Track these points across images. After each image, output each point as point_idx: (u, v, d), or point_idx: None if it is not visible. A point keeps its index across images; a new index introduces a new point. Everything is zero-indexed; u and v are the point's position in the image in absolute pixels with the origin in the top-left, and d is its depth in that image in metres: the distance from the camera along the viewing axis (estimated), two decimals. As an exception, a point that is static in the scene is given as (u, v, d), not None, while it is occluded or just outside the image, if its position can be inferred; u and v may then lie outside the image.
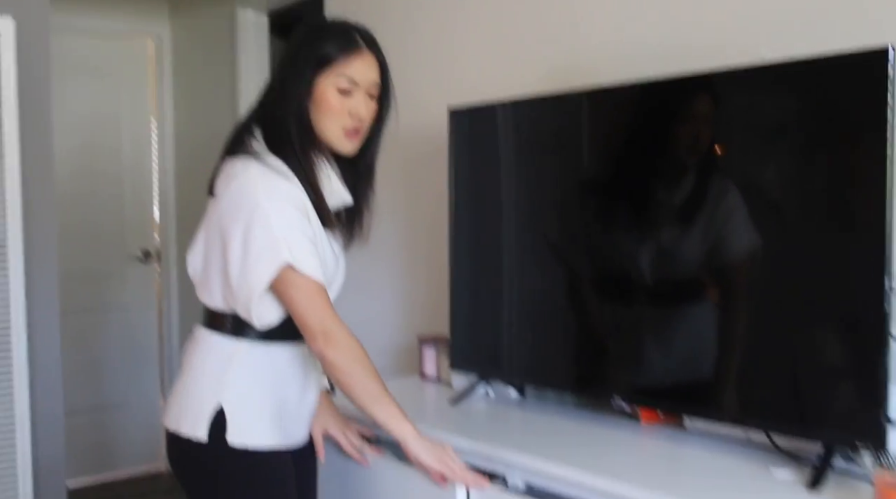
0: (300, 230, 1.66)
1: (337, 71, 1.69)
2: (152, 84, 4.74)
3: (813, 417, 1.65)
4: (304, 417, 1.83)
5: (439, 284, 2.60)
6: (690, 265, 1.83)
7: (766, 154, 1.73)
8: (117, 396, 4.64)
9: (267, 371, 1.74)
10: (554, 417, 2.09)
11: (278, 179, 1.67)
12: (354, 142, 1.75)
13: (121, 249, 4.66)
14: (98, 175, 4.55)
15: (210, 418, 1.69)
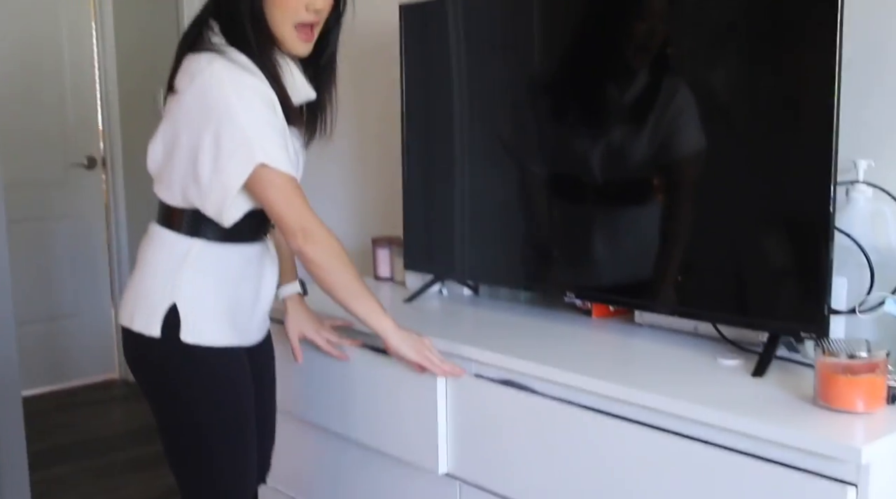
0: (271, 126, 1.64)
1: None
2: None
3: (759, 308, 1.69)
4: (258, 316, 1.84)
5: (392, 184, 2.59)
6: (640, 163, 1.84)
7: (715, 52, 1.72)
8: (68, 305, 4.60)
9: (222, 270, 1.74)
10: (507, 313, 2.12)
11: (244, 74, 1.63)
12: (308, 42, 1.72)
13: (65, 155, 4.55)
14: (39, 79, 4.40)
15: (163, 316, 1.69)
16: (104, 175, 4.68)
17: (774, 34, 1.62)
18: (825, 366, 1.42)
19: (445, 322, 2.09)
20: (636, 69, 1.84)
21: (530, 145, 2.06)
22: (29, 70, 4.35)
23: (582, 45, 1.95)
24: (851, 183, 1.69)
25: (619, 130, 1.87)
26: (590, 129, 1.93)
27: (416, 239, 2.32)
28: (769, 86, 1.64)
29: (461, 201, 2.24)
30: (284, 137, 1.68)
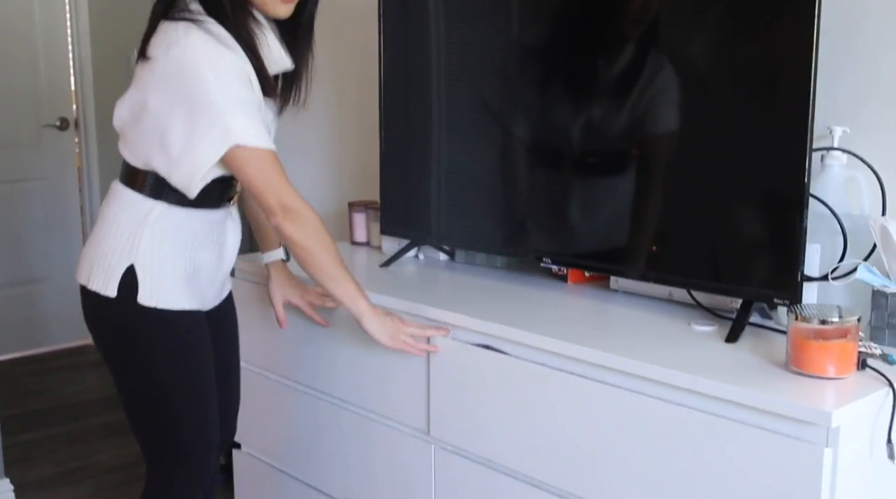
0: (247, 103, 1.62)
1: None
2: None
3: (733, 275, 1.70)
4: (219, 280, 1.84)
5: (369, 149, 2.57)
6: (618, 133, 1.83)
7: (692, 21, 1.72)
8: (40, 269, 4.54)
9: (183, 234, 1.72)
10: (483, 278, 2.12)
11: (221, 48, 1.60)
12: (289, 5, 1.68)
13: (37, 117, 4.47)
14: (9, 40, 4.31)
15: (121, 277, 1.68)
16: (77, 137, 4.61)
17: (752, 4, 1.62)
18: (797, 331, 1.43)
19: (421, 287, 2.09)
20: (616, 38, 1.83)
21: (509, 111, 2.05)
22: (1, 36, 4.26)
23: (563, 12, 1.94)
24: (826, 150, 1.70)
25: (599, 101, 1.86)
26: (570, 97, 1.92)
27: (392, 204, 2.31)
28: (746, 54, 1.64)
29: (438, 166, 2.23)
30: (260, 110, 1.66)
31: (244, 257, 2.29)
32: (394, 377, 1.93)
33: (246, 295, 2.22)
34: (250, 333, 2.21)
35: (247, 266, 2.25)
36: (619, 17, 1.82)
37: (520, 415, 1.69)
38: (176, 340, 1.74)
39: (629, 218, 1.84)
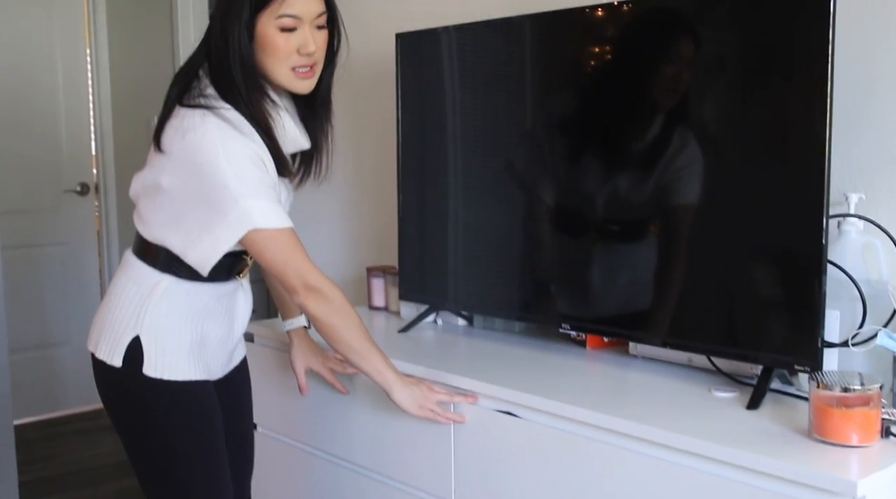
0: (262, 185, 1.62)
1: (276, 11, 1.61)
2: (86, 11, 4.58)
3: (753, 341, 1.70)
4: (227, 351, 1.84)
5: (387, 214, 2.60)
6: (637, 196, 1.85)
7: (707, 84, 1.75)
8: (58, 333, 4.56)
9: (190, 307, 1.72)
10: (501, 344, 2.13)
11: (235, 134, 1.61)
12: (309, 80, 1.69)
13: (58, 182, 4.54)
14: (32, 105, 4.40)
15: (126, 347, 1.69)
16: (97, 202, 4.68)
17: (766, 69, 1.65)
18: (819, 399, 1.43)
19: (440, 353, 2.09)
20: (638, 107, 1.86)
21: (527, 177, 2.08)
22: (23, 98, 4.35)
23: (576, 80, 1.98)
24: (843, 216, 1.71)
25: (620, 168, 1.89)
26: (589, 164, 1.94)
27: (410, 269, 2.33)
28: (762, 120, 1.67)
29: (455, 231, 2.25)
30: (275, 189, 1.66)
31: (262, 323, 2.31)
32: (416, 444, 1.92)
33: (263, 360, 2.23)
34: (267, 398, 2.21)
35: (264, 331, 2.27)
36: (640, 88, 1.85)
37: (543, 481, 1.68)
38: (183, 410, 1.73)
39: (648, 284, 1.85)
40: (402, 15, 2.68)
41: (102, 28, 4.59)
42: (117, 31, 4.57)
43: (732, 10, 1.71)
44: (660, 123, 1.82)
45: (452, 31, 2.20)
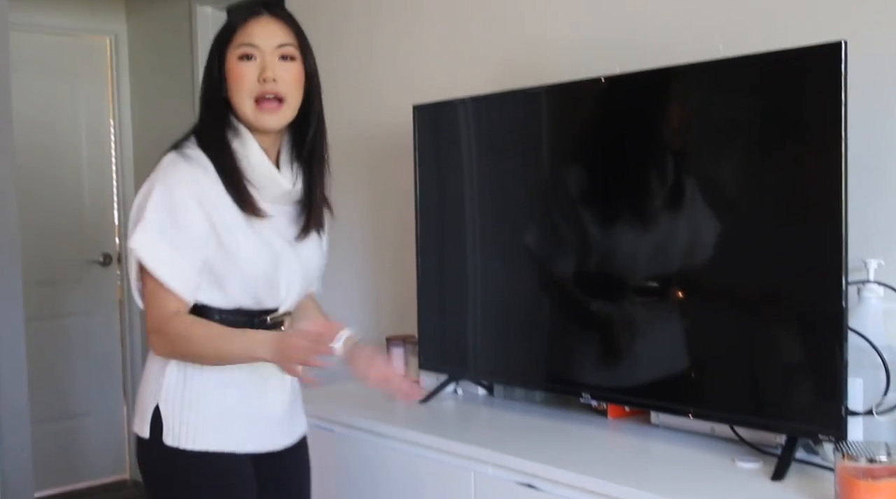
0: (165, 223, 1.61)
1: (237, 41, 1.64)
2: (110, 84, 4.69)
3: (776, 410, 1.68)
4: (262, 422, 1.74)
5: (406, 283, 2.61)
6: (655, 263, 1.86)
7: (723, 150, 1.76)
8: (80, 404, 4.56)
9: (209, 371, 1.67)
10: (522, 414, 2.11)
11: (182, 170, 1.63)
12: (274, 115, 1.65)
13: (81, 252, 4.59)
14: (56, 176, 4.47)
15: (150, 417, 1.67)
16: (119, 271, 4.72)
17: (781, 134, 1.66)
18: (845, 470, 1.40)
19: (460, 423, 2.08)
20: (652, 174, 1.87)
21: (544, 246, 2.09)
22: (48, 171, 4.42)
23: (592, 148, 1.99)
24: (863, 283, 1.70)
25: (637, 235, 1.89)
26: (607, 232, 1.95)
27: (430, 338, 2.33)
28: (779, 186, 1.68)
29: (474, 301, 2.25)
30: (190, 244, 1.61)
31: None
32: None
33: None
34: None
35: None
36: (656, 154, 1.86)
37: (564, 558, 1.66)
38: (204, 482, 1.68)
39: (669, 352, 1.84)
40: (418, 86, 2.72)
41: (126, 99, 4.68)
42: (140, 103, 4.66)
43: (747, 77, 1.73)
44: (677, 190, 1.83)
45: (469, 102, 2.23)
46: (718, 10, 1.99)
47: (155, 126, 4.56)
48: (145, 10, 4.55)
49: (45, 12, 4.38)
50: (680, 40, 2.04)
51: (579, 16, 2.28)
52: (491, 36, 2.53)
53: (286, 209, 1.74)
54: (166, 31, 4.39)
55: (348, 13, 2.99)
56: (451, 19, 2.65)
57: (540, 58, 2.37)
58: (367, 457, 2.05)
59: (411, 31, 2.79)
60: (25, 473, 2.84)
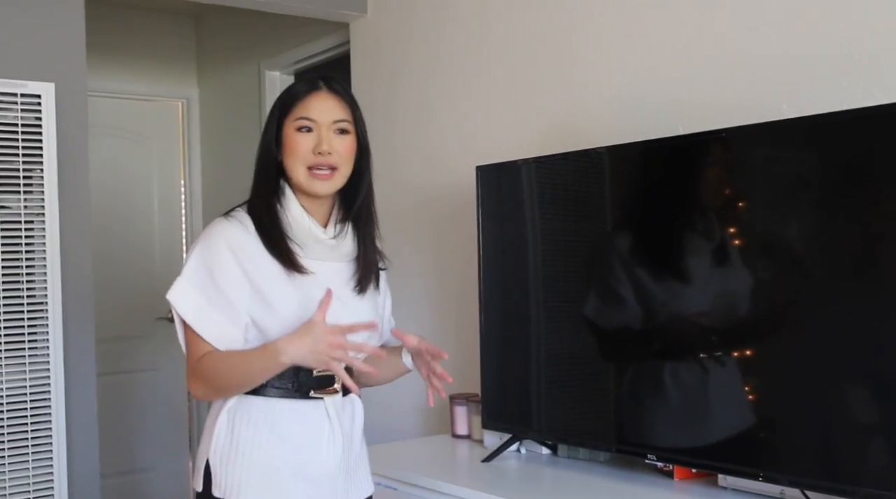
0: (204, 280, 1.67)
1: (296, 113, 1.72)
2: (182, 146, 4.83)
3: (849, 474, 1.64)
4: (315, 480, 1.72)
5: (470, 341, 2.62)
6: (721, 322, 1.84)
7: (793, 211, 1.75)
8: (146, 459, 4.62)
9: (254, 423, 1.69)
10: (586, 474, 2.09)
11: (224, 230, 1.71)
12: (327, 182, 1.72)
13: (151, 310, 4.68)
14: (129, 237, 4.61)
15: (203, 471, 1.71)
16: (187, 328, 4.80)
17: (850, 189, 1.65)
18: (923, 538, 1.37)
19: (524, 484, 2.07)
20: (714, 229, 1.87)
21: (607, 305, 2.08)
22: (122, 230, 4.55)
23: (654, 208, 2.00)
24: (938, 344, 1.67)
25: (703, 293, 1.89)
26: (671, 291, 1.95)
27: (493, 397, 2.33)
28: (851, 245, 1.66)
29: (538, 359, 2.25)
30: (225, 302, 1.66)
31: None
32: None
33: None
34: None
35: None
36: (719, 213, 1.86)
37: None
38: None
39: (737, 413, 1.82)
40: (478, 147, 2.76)
41: (196, 161, 4.82)
42: (210, 164, 4.79)
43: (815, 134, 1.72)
44: (745, 248, 1.82)
45: (531, 162, 2.26)
46: (782, 70, 1.99)
47: (224, 187, 4.68)
48: (216, 75, 4.70)
49: (122, 78, 4.56)
50: (741, 101, 2.04)
51: (640, 76, 2.30)
52: (551, 96, 2.56)
53: (339, 267, 1.78)
54: (236, 96, 4.52)
55: (408, 77, 3.06)
56: (510, 81, 2.69)
57: (601, 118, 2.39)
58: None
59: (470, 94, 2.84)
60: (95, 529, 2.88)
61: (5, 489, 2.58)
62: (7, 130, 2.59)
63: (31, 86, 2.62)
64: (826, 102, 1.82)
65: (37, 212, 2.65)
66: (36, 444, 2.63)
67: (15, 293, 2.62)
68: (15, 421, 2.60)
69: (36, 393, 2.63)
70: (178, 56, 4.79)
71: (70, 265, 2.80)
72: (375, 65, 3.26)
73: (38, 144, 2.64)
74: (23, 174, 2.63)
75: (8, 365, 2.60)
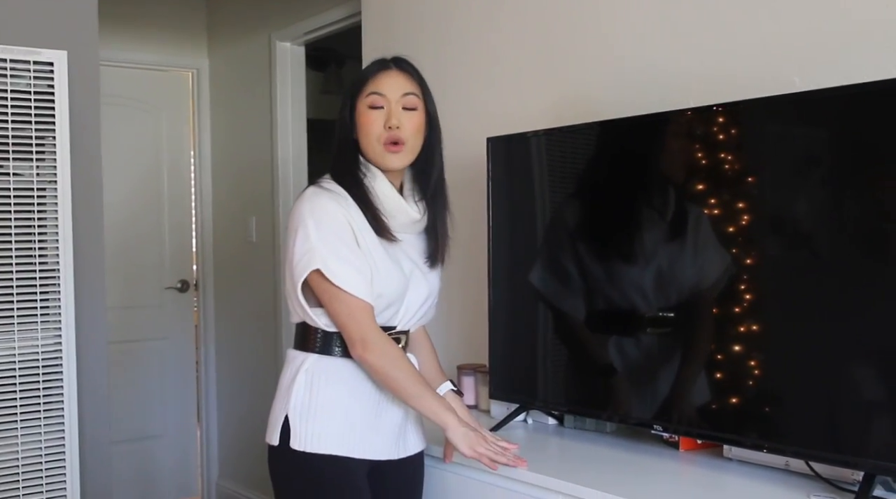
0: (338, 246, 1.80)
1: (367, 90, 1.87)
2: (191, 116, 4.84)
3: (853, 445, 1.66)
4: (384, 431, 1.90)
5: (478, 312, 2.64)
6: (733, 297, 1.85)
7: (802, 185, 1.75)
8: (156, 426, 4.67)
9: (331, 381, 1.85)
10: (593, 444, 2.11)
11: (326, 198, 1.83)
12: (397, 155, 1.87)
13: (160, 279, 4.72)
14: (139, 206, 4.63)
15: (280, 426, 1.84)
16: (196, 297, 4.84)
17: (860, 164, 1.65)
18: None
19: (531, 453, 2.08)
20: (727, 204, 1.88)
21: (615, 275, 2.09)
22: (132, 201, 4.59)
23: (666, 180, 2.00)
24: (944, 318, 1.67)
25: (713, 267, 1.89)
26: (680, 262, 1.95)
27: (501, 367, 2.35)
28: (857, 216, 1.66)
29: (545, 330, 2.27)
30: (357, 256, 1.81)
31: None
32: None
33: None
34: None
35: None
36: (732, 185, 1.86)
37: None
38: (325, 488, 1.84)
39: (743, 384, 1.83)
40: (489, 119, 2.76)
41: (206, 132, 4.82)
42: (219, 135, 4.80)
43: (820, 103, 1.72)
44: (753, 223, 1.82)
45: (542, 134, 2.26)
46: (794, 43, 1.99)
47: (233, 157, 4.70)
48: (227, 45, 4.70)
49: (132, 48, 4.57)
50: (754, 74, 2.04)
51: (652, 49, 2.30)
52: (563, 68, 2.56)
53: (412, 238, 1.96)
54: (246, 66, 4.52)
55: (419, 48, 3.06)
56: (522, 52, 2.69)
57: (613, 90, 2.39)
58: (434, 484, 2.07)
59: (482, 65, 2.83)
60: (106, 492, 2.92)
61: (17, 454, 2.61)
62: (20, 98, 2.60)
63: (44, 53, 2.63)
64: (838, 76, 1.82)
65: (49, 179, 2.66)
66: (48, 410, 2.66)
67: (27, 260, 2.64)
68: (27, 388, 2.63)
69: (48, 360, 2.66)
70: (188, 26, 4.79)
71: (81, 233, 2.82)
72: (387, 36, 3.25)
73: (50, 111, 2.65)
74: (35, 142, 2.64)
75: (21, 332, 2.62)
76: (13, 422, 2.61)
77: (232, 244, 4.62)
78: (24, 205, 2.63)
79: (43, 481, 2.65)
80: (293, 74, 4.31)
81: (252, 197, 4.47)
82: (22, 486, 2.62)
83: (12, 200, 2.61)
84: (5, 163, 2.60)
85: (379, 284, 1.83)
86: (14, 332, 2.62)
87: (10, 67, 2.58)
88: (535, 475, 1.86)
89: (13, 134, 2.60)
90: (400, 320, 1.93)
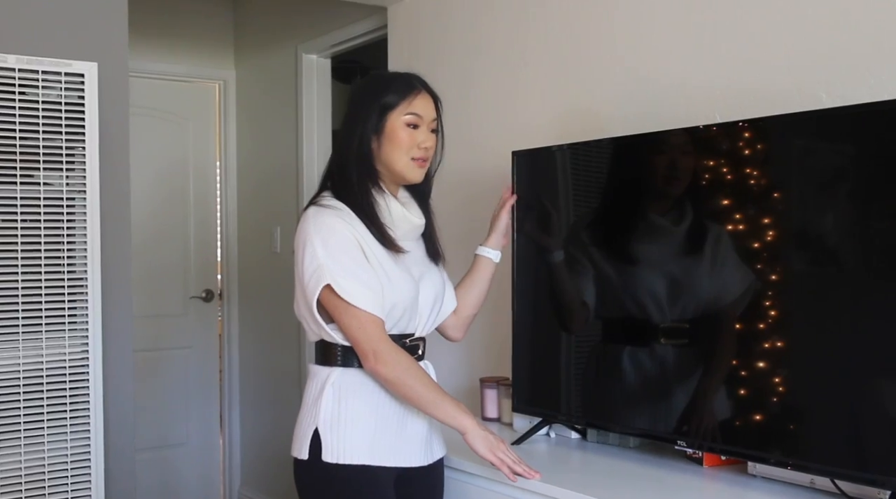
0: (348, 264, 1.83)
1: (404, 109, 1.91)
2: (218, 127, 4.88)
3: (880, 464, 1.64)
4: (410, 439, 1.93)
5: (501, 325, 2.64)
6: (759, 315, 1.84)
7: (828, 201, 1.74)
8: (179, 434, 4.69)
9: (358, 393, 1.88)
10: (615, 459, 2.11)
11: (329, 215, 1.86)
12: (422, 169, 1.96)
13: (185, 289, 4.76)
14: (166, 216, 4.67)
15: (310, 440, 1.87)
16: (220, 306, 4.87)
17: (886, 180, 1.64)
18: (953, 529, 1.37)
19: (553, 467, 2.08)
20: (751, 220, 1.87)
21: (640, 290, 2.09)
22: (159, 211, 4.62)
23: (691, 195, 2.00)
24: (972, 337, 1.66)
25: (738, 284, 1.89)
26: (702, 278, 1.95)
27: (524, 380, 2.35)
28: (886, 238, 1.65)
29: (569, 344, 2.26)
30: (365, 270, 1.84)
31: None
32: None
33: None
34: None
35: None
36: (757, 200, 1.86)
37: None
38: (358, 493, 1.86)
39: (768, 401, 1.82)
40: (515, 133, 2.77)
41: (232, 142, 4.86)
42: (245, 146, 4.83)
43: (854, 125, 1.72)
44: (778, 240, 1.82)
45: (566, 149, 2.27)
46: (822, 59, 1.98)
47: (258, 168, 4.73)
48: (254, 57, 4.74)
49: (161, 59, 4.62)
50: (782, 89, 2.04)
51: (678, 63, 2.30)
52: (590, 82, 2.56)
53: (413, 244, 2.00)
54: (273, 78, 4.56)
55: (445, 61, 3.07)
56: (549, 66, 2.70)
57: (640, 105, 2.39)
58: (456, 495, 2.07)
59: (508, 79, 2.84)
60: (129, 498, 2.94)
61: (44, 461, 2.64)
62: (51, 109, 2.64)
63: (75, 65, 2.66)
64: (865, 92, 1.81)
65: (78, 189, 2.69)
66: (74, 418, 2.68)
67: (56, 269, 2.67)
68: (54, 395, 2.65)
69: (75, 368, 2.69)
70: (216, 38, 4.83)
71: (109, 242, 2.85)
72: (413, 49, 3.27)
73: (80, 122, 2.68)
74: (65, 152, 2.67)
75: (49, 339, 2.65)
76: (40, 429, 2.64)
77: (256, 254, 4.65)
78: (54, 214, 2.66)
79: (68, 488, 2.67)
80: (319, 87, 4.34)
81: (277, 208, 4.49)
82: (48, 492, 2.64)
83: (42, 209, 2.64)
84: (35, 173, 2.64)
85: (393, 294, 1.87)
86: (42, 340, 2.64)
87: (42, 79, 2.62)
88: (557, 489, 1.86)
89: (44, 144, 2.63)
90: (416, 326, 1.97)
